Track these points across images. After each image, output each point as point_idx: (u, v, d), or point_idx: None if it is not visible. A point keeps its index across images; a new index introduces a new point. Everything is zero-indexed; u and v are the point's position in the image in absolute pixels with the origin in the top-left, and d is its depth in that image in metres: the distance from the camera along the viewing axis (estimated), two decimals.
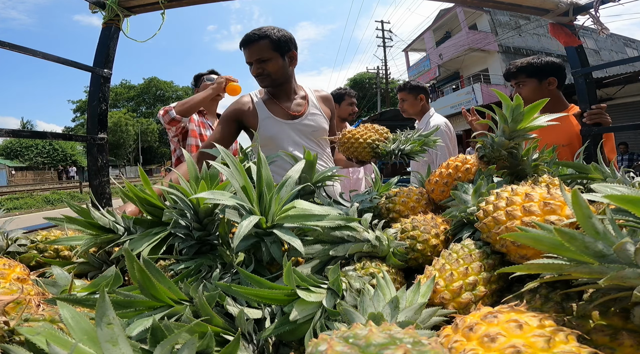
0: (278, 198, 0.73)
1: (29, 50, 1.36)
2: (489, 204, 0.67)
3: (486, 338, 0.37)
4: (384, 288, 0.55)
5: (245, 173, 0.71)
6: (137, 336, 0.47)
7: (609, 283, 0.38)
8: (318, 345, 0.32)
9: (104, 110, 1.71)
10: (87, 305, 0.55)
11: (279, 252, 0.70)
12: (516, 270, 0.48)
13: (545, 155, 1.01)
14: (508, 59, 20.47)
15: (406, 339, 0.31)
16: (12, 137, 2.06)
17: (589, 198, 0.45)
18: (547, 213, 0.58)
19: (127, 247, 0.58)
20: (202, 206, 0.79)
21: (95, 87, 1.68)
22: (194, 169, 0.82)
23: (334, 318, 0.54)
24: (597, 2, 1.69)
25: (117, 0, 1.66)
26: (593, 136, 1.79)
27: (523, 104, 0.91)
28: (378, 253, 0.76)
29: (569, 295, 0.49)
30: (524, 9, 1.86)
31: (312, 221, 0.70)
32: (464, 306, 0.58)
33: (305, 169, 0.96)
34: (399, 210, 0.97)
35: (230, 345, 0.44)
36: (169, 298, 0.54)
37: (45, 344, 0.35)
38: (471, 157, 1.01)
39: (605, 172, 0.88)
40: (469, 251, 0.66)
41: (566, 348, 0.35)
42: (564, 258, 0.43)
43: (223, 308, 0.59)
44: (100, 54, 1.70)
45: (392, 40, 27.70)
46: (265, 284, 0.55)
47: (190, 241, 0.82)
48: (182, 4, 1.77)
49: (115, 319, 0.38)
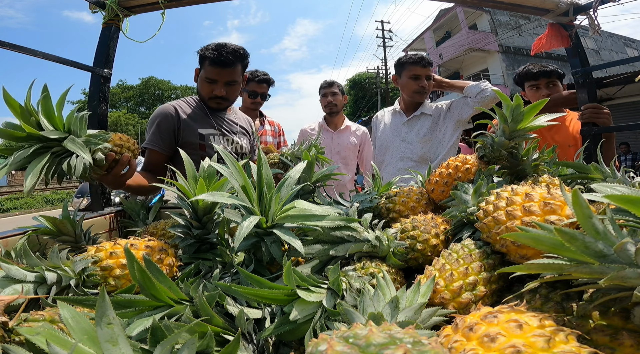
0: (278, 197, 0.73)
1: (29, 50, 1.36)
2: (489, 204, 0.67)
3: (486, 338, 0.37)
4: (384, 288, 0.55)
5: (244, 173, 0.71)
6: (137, 336, 0.47)
7: (609, 283, 0.38)
8: (318, 345, 0.32)
9: (104, 110, 1.71)
10: (87, 305, 0.55)
11: (279, 252, 0.70)
12: (516, 270, 0.48)
13: (545, 155, 1.01)
14: (508, 58, 20.49)
15: (406, 339, 0.31)
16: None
17: (589, 198, 0.45)
18: (548, 213, 0.58)
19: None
20: (201, 204, 0.79)
21: (95, 87, 1.68)
22: (191, 168, 0.82)
23: (334, 318, 0.54)
24: (596, 2, 1.69)
25: (117, 0, 1.66)
26: (593, 136, 1.79)
27: (523, 104, 0.91)
28: (378, 253, 0.76)
29: (569, 294, 0.49)
30: (524, 9, 1.86)
31: (312, 221, 0.70)
32: (464, 306, 0.58)
33: (305, 169, 0.96)
34: (399, 210, 0.97)
35: (230, 345, 0.44)
36: (169, 297, 0.54)
37: (45, 344, 0.35)
38: (471, 157, 1.01)
39: (605, 171, 0.88)
40: (469, 251, 0.66)
41: (566, 348, 0.35)
42: (564, 258, 0.43)
43: (223, 308, 0.59)
44: (100, 53, 1.70)
45: (392, 40, 27.72)
46: (265, 284, 0.55)
47: (189, 240, 0.82)
48: (182, 4, 1.77)
49: (115, 319, 0.38)
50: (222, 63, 1.58)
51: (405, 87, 2.19)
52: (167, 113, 1.61)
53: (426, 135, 2.17)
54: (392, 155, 2.28)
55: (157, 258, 0.75)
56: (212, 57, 1.57)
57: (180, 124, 1.61)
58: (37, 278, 0.61)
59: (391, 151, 2.29)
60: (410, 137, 2.22)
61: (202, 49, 1.65)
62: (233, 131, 1.80)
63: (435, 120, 2.19)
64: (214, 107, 1.72)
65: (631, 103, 10.31)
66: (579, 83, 1.89)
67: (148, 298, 0.53)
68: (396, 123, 2.31)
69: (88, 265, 0.68)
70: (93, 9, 1.68)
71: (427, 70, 2.11)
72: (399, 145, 2.25)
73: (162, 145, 1.56)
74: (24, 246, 0.64)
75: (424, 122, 2.20)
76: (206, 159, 0.84)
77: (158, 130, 1.58)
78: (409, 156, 2.19)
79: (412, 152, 2.19)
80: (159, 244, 0.78)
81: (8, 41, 1.27)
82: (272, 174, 0.75)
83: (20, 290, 0.58)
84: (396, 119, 2.34)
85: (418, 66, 2.10)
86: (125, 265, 0.69)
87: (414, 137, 2.21)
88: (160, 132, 1.57)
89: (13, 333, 0.48)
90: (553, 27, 1.89)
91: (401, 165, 2.18)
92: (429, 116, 2.20)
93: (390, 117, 2.38)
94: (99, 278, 0.68)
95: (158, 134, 1.57)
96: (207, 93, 1.66)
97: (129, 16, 1.76)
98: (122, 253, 0.72)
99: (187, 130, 1.62)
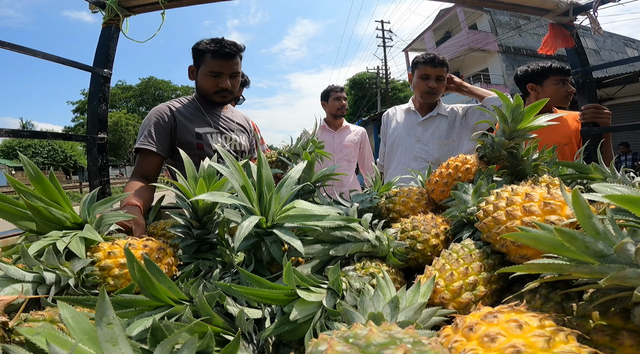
0: (278, 197, 0.73)
1: (29, 50, 1.36)
2: (489, 204, 0.67)
3: (486, 338, 0.37)
4: (384, 288, 0.55)
5: (244, 173, 0.71)
6: (137, 336, 0.47)
7: (609, 283, 0.38)
8: (318, 345, 0.32)
9: (104, 110, 1.71)
10: (87, 305, 0.55)
11: (279, 252, 0.70)
12: (516, 270, 0.48)
13: (545, 155, 1.01)
14: (508, 58, 20.50)
15: (406, 339, 0.31)
16: (12, 137, 2.06)
17: (589, 198, 0.45)
18: (548, 213, 0.58)
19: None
20: (201, 204, 0.79)
21: (95, 87, 1.68)
22: (191, 168, 0.82)
23: (334, 318, 0.54)
24: (596, 2, 1.69)
25: (117, 0, 1.66)
26: (593, 136, 1.79)
27: (523, 104, 0.91)
28: (378, 253, 0.76)
29: (569, 294, 0.49)
30: (524, 9, 1.86)
31: (312, 221, 0.70)
32: (464, 306, 0.58)
33: (305, 169, 0.96)
34: (399, 210, 0.97)
35: (230, 345, 0.44)
36: (169, 297, 0.54)
37: (45, 344, 0.35)
38: (471, 157, 1.01)
39: (605, 171, 0.88)
40: (469, 251, 0.66)
41: (566, 348, 0.35)
42: (564, 258, 0.43)
43: (223, 308, 0.59)
44: (101, 53, 1.70)
45: (392, 40, 27.71)
46: (265, 284, 0.55)
47: (189, 240, 0.82)
48: (182, 4, 1.77)
49: (115, 319, 0.38)
50: (227, 55, 1.57)
51: (416, 86, 2.15)
52: (162, 113, 1.59)
53: (442, 137, 2.13)
54: (405, 154, 2.23)
55: (156, 258, 0.75)
56: (215, 49, 1.56)
57: (177, 124, 1.59)
58: (36, 278, 0.61)
59: (404, 150, 2.24)
60: (425, 137, 2.17)
61: (198, 44, 1.62)
62: (230, 128, 1.78)
63: (451, 122, 2.15)
64: (219, 101, 1.70)
65: (631, 103, 10.30)
66: (579, 83, 1.89)
67: (148, 298, 0.53)
68: (410, 123, 2.26)
69: (86, 265, 0.68)
70: (93, 9, 1.68)
71: (438, 70, 2.05)
72: (412, 144, 2.20)
73: (158, 146, 1.52)
74: (22, 247, 0.64)
75: (440, 123, 2.16)
76: (206, 159, 0.84)
77: (155, 130, 1.54)
78: (424, 157, 2.14)
79: (428, 153, 2.15)
80: (157, 244, 0.78)
81: (8, 41, 1.27)
82: (271, 174, 0.75)
83: (19, 290, 0.57)
84: (410, 118, 2.28)
85: (429, 66, 2.05)
86: (123, 265, 0.69)
87: (429, 137, 2.16)
88: (156, 132, 1.54)
89: (13, 333, 0.48)
90: (555, 28, 1.89)
91: (415, 165, 2.14)
92: (444, 117, 2.16)
93: (404, 115, 2.32)
94: (97, 278, 0.68)
95: (154, 134, 1.53)
96: (212, 87, 1.63)
97: (129, 16, 1.76)
98: (121, 253, 0.71)
99: (183, 129, 1.60)
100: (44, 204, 0.72)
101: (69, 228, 0.75)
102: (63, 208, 0.76)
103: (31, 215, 0.72)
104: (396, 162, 2.27)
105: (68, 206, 0.77)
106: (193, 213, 0.81)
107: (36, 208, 0.71)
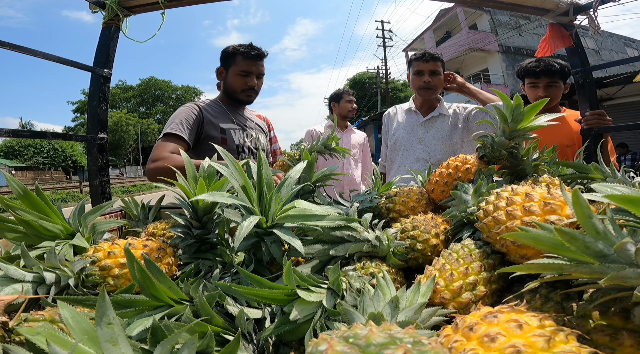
0: (278, 197, 0.73)
1: (29, 50, 1.36)
2: (489, 204, 0.67)
3: (486, 338, 0.37)
4: (384, 288, 0.55)
5: (244, 173, 0.71)
6: (137, 336, 0.47)
7: (609, 283, 0.38)
8: (318, 345, 0.32)
9: (104, 110, 1.71)
10: (87, 305, 0.55)
11: (279, 252, 0.70)
12: (516, 270, 0.48)
13: (545, 155, 1.01)
14: (508, 58, 20.50)
15: (406, 339, 0.31)
16: (12, 137, 2.06)
17: (589, 198, 0.45)
18: (548, 213, 0.58)
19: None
20: (201, 204, 0.79)
21: (96, 87, 1.68)
22: (191, 168, 0.82)
23: (334, 318, 0.54)
24: (596, 2, 1.69)
25: (117, 0, 1.66)
26: (593, 136, 1.79)
27: (523, 104, 0.91)
28: (378, 253, 0.76)
29: (569, 294, 0.49)
30: (524, 9, 1.86)
31: (312, 221, 0.70)
32: (464, 306, 0.58)
33: (305, 169, 0.96)
34: (399, 210, 0.97)
35: (230, 345, 0.44)
36: (169, 297, 0.54)
37: (46, 344, 0.35)
38: (471, 157, 1.01)
39: (605, 171, 0.88)
40: (469, 251, 0.66)
41: (566, 348, 0.35)
42: (565, 258, 0.43)
43: (223, 308, 0.59)
44: (101, 53, 1.70)
45: (392, 40, 27.72)
46: (265, 284, 0.55)
47: (189, 240, 0.82)
48: (182, 4, 1.77)
49: (115, 319, 0.38)
50: (256, 56, 1.79)
51: (412, 84, 2.16)
52: (192, 108, 1.74)
53: (444, 139, 2.11)
54: (407, 155, 2.21)
55: (156, 258, 0.75)
56: (246, 51, 1.77)
57: (204, 119, 1.74)
58: (36, 278, 0.61)
59: (406, 151, 2.22)
60: (427, 138, 2.16)
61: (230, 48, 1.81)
62: (251, 127, 1.97)
63: (453, 123, 2.13)
64: (244, 100, 1.86)
65: (631, 103, 10.30)
66: (579, 83, 1.89)
67: (148, 298, 0.53)
68: (411, 123, 2.24)
69: (86, 265, 0.68)
70: (93, 9, 1.68)
71: (431, 64, 2.04)
72: (414, 145, 2.18)
73: (187, 134, 1.63)
74: (21, 247, 0.64)
75: (442, 124, 2.14)
76: (206, 159, 0.84)
77: (185, 120, 1.66)
78: (426, 158, 2.12)
79: (430, 154, 2.13)
80: (157, 243, 0.79)
81: (8, 41, 1.27)
82: (271, 174, 0.75)
83: (20, 290, 0.58)
84: (411, 118, 2.26)
85: (420, 61, 2.06)
86: (123, 265, 0.70)
87: (431, 138, 2.14)
88: (187, 122, 1.66)
89: (13, 333, 0.48)
90: (554, 28, 1.89)
91: (418, 166, 2.12)
92: (446, 117, 2.14)
93: (405, 115, 2.31)
94: (97, 278, 0.68)
95: (185, 123, 1.65)
96: (241, 86, 1.80)
97: (129, 16, 1.76)
98: (120, 253, 0.72)
99: (209, 124, 1.75)
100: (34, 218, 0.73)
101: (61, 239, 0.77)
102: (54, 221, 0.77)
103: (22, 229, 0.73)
104: (398, 163, 2.26)
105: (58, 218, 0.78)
106: (193, 213, 0.81)
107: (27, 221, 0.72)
